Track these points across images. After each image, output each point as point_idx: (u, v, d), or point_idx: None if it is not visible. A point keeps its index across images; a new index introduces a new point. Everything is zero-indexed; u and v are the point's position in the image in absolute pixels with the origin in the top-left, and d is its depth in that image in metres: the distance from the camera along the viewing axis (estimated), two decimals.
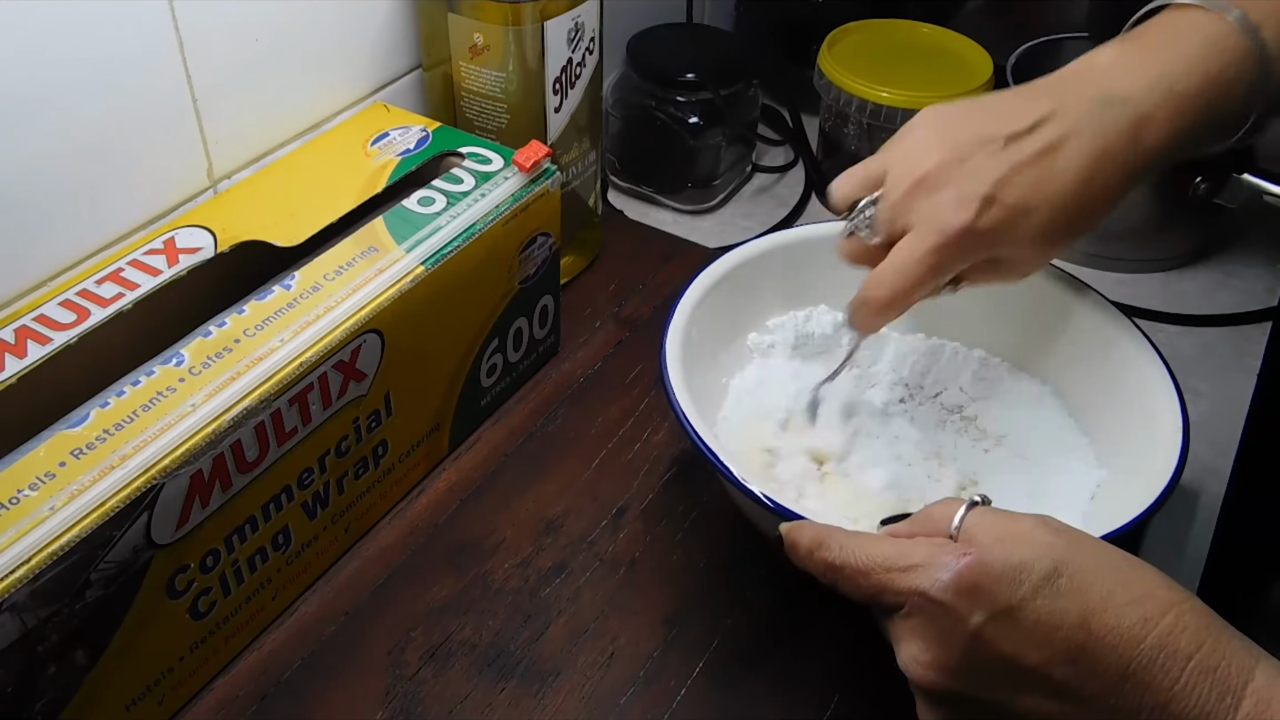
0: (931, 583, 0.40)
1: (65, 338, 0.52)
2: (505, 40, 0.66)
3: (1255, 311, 0.81)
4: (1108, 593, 0.39)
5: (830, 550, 0.44)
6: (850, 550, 0.44)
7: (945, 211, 0.51)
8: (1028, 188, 0.51)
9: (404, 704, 0.54)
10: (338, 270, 0.57)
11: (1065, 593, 0.39)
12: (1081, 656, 0.38)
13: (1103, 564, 0.40)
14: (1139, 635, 0.38)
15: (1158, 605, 0.38)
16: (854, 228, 0.55)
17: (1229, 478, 0.67)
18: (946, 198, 0.51)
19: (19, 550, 0.43)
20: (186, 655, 0.53)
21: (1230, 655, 0.38)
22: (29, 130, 0.55)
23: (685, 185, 0.89)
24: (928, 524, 0.44)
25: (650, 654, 0.56)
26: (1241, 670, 0.37)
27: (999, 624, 0.39)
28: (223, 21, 0.62)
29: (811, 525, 0.46)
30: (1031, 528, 0.41)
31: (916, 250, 0.51)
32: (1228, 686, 0.37)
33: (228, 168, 0.67)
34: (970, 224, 0.50)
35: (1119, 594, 0.39)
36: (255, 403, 0.50)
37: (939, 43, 0.89)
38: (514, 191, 0.64)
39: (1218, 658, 0.38)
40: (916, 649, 0.41)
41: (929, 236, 0.51)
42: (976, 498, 0.43)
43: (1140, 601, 0.38)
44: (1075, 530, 0.42)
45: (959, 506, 0.43)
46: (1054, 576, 0.39)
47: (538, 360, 0.72)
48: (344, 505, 0.59)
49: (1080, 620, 0.38)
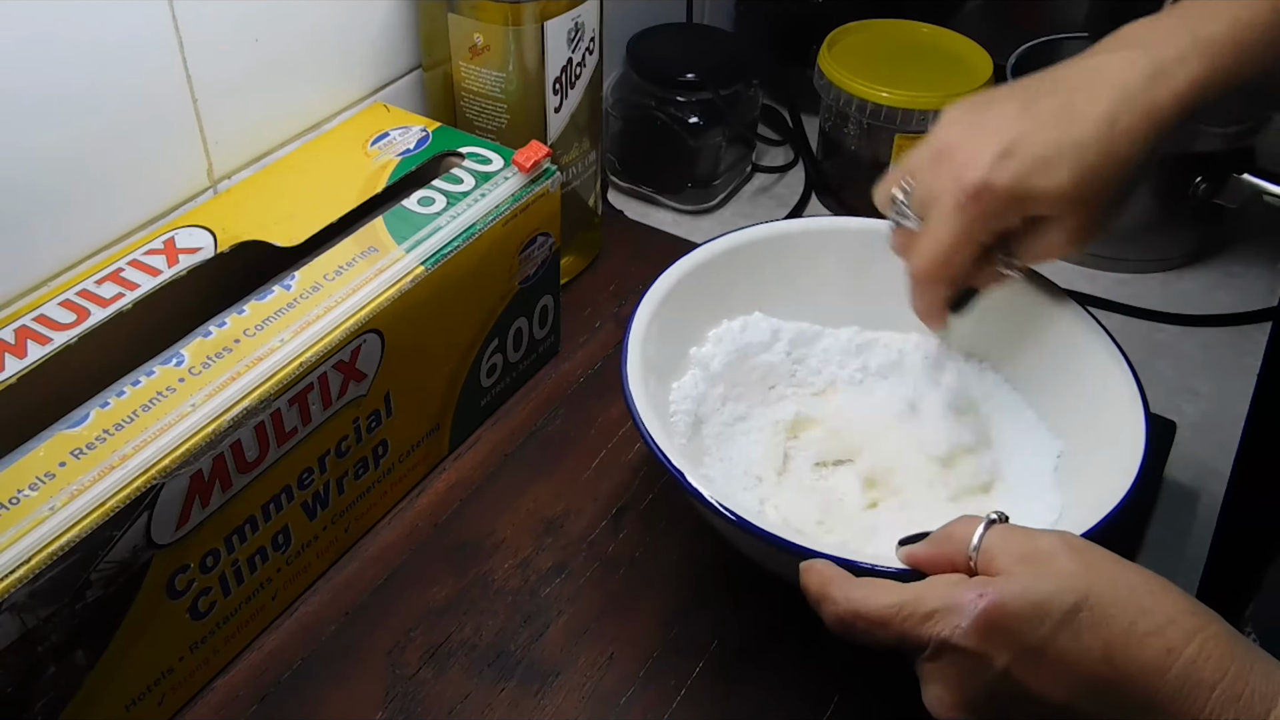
0: (952, 630, 0.40)
1: (65, 338, 0.52)
2: (505, 40, 0.66)
3: (1255, 311, 0.81)
4: (1130, 623, 0.38)
5: (837, 603, 0.43)
6: (859, 601, 0.42)
7: (962, 171, 0.52)
8: (1048, 138, 0.51)
9: (404, 704, 0.54)
10: (338, 270, 0.57)
11: (1088, 627, 0.38)
12: (1107, 692, 0.38)
13: (1124, 591, 0.39)
14: (1163, 666, 0.38)
15: (1181, 633, 0.38)
16: (896, 219, 0.56)
17: (1229, 478, 0.67)
18: (962, 158, 0.52)
19: (19, 550, 0.43)
20: (186, 655, 0.53)
21: (1254, 682, 0.37)
22: (29, 130, 0.55)
23: (685, 185, 0.89)
24: (946, 545, 0.43)
25: (650, 654, 0.56)
26: (1265, 697, 0.37)
27: (1023, 665, 0.39)
28: (223, 21, 0.62)
29: (817, 572, 0.45)
30: (1052, 550, 0.40)
31: (942, 215, 0.52)
32: (1252, 714, 0.37)
33: (228, 168, 0.67)
34: (986, 178, 0.51)
35: (1141, 623, 0.38)
36: (255, 403, 0.50)
37: (939, 43, 0.89)
38: (514, 191, 0.64)
39: (1241, 685, 0.37)
40: (941, 690, 0.41)
41: (949, 199, 0.52)
42: (994, 515, 0.43)
43: (1163, 630, 0.38)
44: (1095, 551, 0.41)
45: (977, 525, 0.42)
46: (1076, 611, 0.38)
47: (538, 360, 0.72)
48: (344, 505, 0.59)
49: (1104, 655, 0.38)
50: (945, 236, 0.53)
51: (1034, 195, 0.51)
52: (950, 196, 0.52)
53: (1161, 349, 0.79)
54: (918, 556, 0.45)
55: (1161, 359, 0.78)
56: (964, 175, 0.51)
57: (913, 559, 0.45)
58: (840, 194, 0.90)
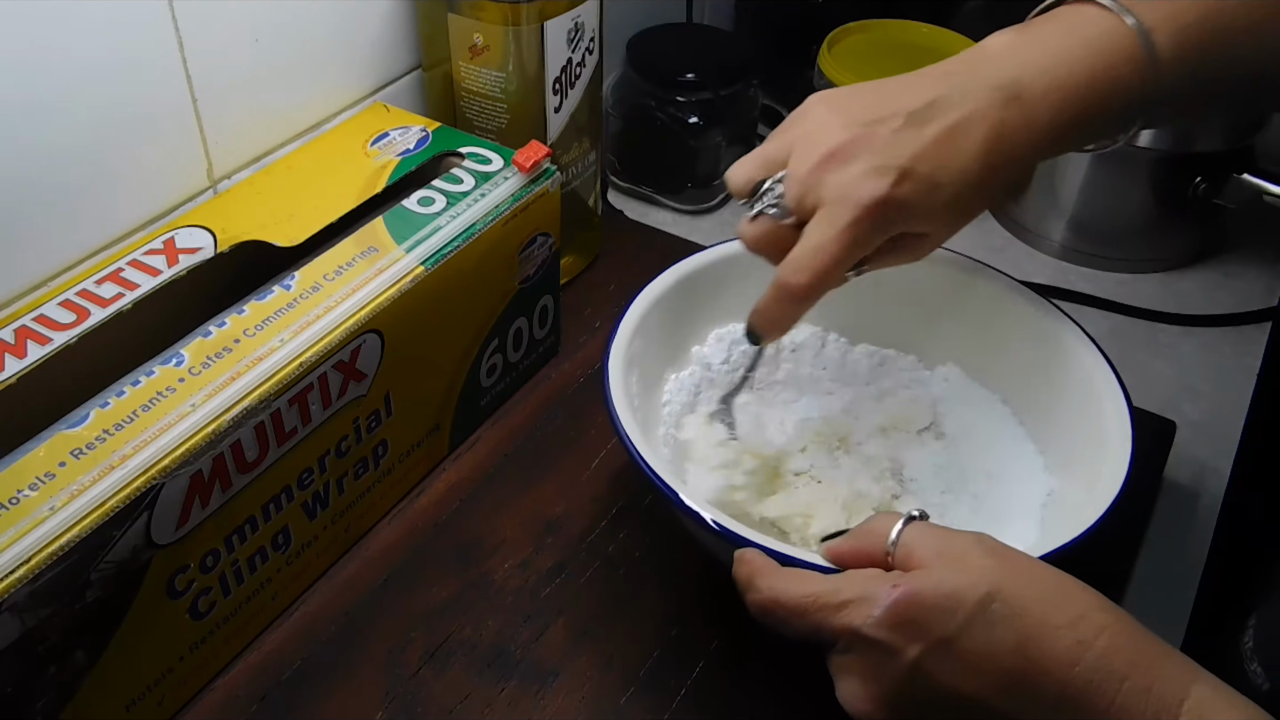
0: (864, 619, 0.40)
1: (65, 338, 0.52)
2: (505, 40, 0.66)
3: (1255, 311, 0.81)
4: (1042, 617, 0.39)
5: (760, 591, 0.44)
6: (780, 591, 0.43)
7: (862, 182, 0.48)
8: (936, 163, 0.49)
9: (404, 704, 0.54)
10: (338, 270, 0.57)
11: (1000, 619, 0.39)
12: (1018, 684, 0.39)
13: (1037, 587, 0.40)
14: (1074, 658, 0.38)
15: (1092, 627, 0.38)
16: (761, 209, 0.51)
17: (1229, 478, 0.67)
18: (860, 169, 0.48)
19: (19, 550, 0.43)
20: (186, 655, 0.53)
21: (1164, 674, 0.38)
22: (29, 130, 0.55)
23: (685, 185, 0.89)
24: (866, 539, 0.44)
25: (650, 654, 0.56)
26: (1176, 689, 0.38)
27: (934, 656, 0.39)
28: (223, 21, 0.62)
29: (746, 561, 0.45)
30: (968, 547, 0.41)
31: (834, 226, 0.48)
32: (1163, 705, 0.37)
33: (228, 168, 0.67)
34: (887, 195, 0.48)
35: (1053, 617, 0.39)
36: (255, 403, 0.50)
37: (939, 43, 0.89)
38: (514, 191, 0.64)
39: (1151, 678, 0.38)
40: (855, 684, 0.42)
41: (846, 210, 0.48)
42: (914, 512, 0.43)
43: (1075, 624, 0.39)
44: (1010, 550, 0.42)
45: (897, 520, 0.43)
46: (987, 602, 0.39)
47: (538, 360, 0.72)
48: (344, 505, 0.59)
49: (1016, 647, 0.38)
50: (834, 249, 0.48)
51: (922, 213, 0.50)
52: (849, 210, 0.48)
53: (1161, 349, 0.79)
54: (839, 551, 0.45)
55: (1161, 359, 0.78)
56: (865, 189, 0.48)
57: (834, 554, 0.45)
58: None
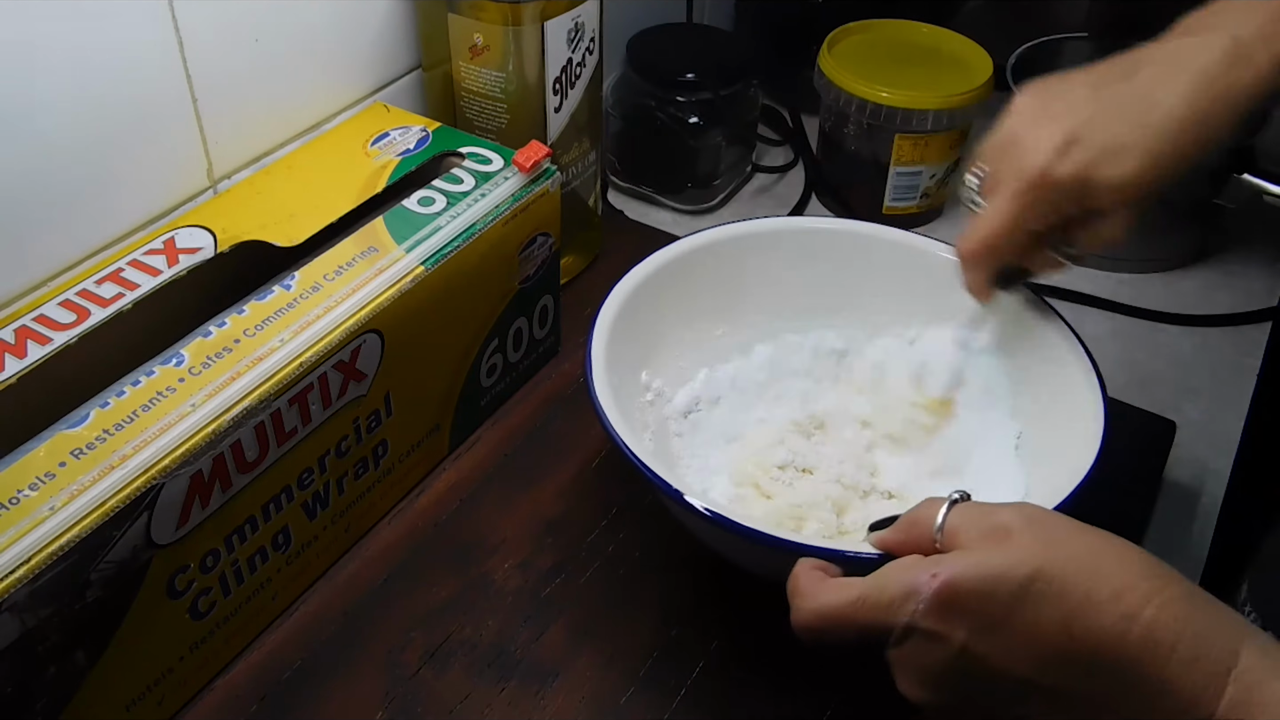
0: (912, 613, 0.40)
1: (65, 338, 0.52)
2: (505, 40, 0.66)
3: (1255, 311, 0.81)
4: (1086, 593, 0.38)
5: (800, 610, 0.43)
6: (822, 603, 0.43)
7: (1024, 157, 0.52)
8: (1118, 127, 0.50)
9: (404, 704, 0.54)
10: (338, 270, 0.57)
11: (1045, 598, 0.38)
12: (1069, 663, 0.38)
13: (1081, 558, 0.39)
14: (1122, 632, 0.38)
15: (1136, 598, 0.38)
16: (969, 205, 0.57)
17: (1229, 478, 0.67)
18: (1026, 145, 0.52)
19: (19, 550, 0.43)
20: (186, 655, 0.53)
21: (1213, 641, 0.37)
22: (29, 130, 0.55)
23: (685, 185, 0.89)
24: (913, 529, 0.44)
25: (650, 654, 0.56)
26: (1224, 656, 0.37)
27: (981, 639, 0.39)
28: (223, 21, 0.62)
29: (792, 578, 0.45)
30: (1010, 521, 0.41)
31: (997, 200, 0.53)
32: (1212, 674, 0.37)
33: (228, 168, 0.66)
34: (1046, 166, 0.51)
35: (1097, 591, 0.38)
36: (255, 403, 0.50)
37: (939, 43, 0.89)
38: (514, 191, 0.64)
39: (1199, 647, 0.37)
40: (911, 675, 0.42)
41: (1008, 184, 0.53)
42: (957, 494, 0.43)
43: (1120, 596, 0.38)
44: (1053, 520, 0.41)
45: (942, 505, 0.43)
46: (1031, 582, 0.39)
47: (538, 360, 0.72)
48: (344, 505, 0.59)
49: (1062, 625, 0.38)
50: (995, 221, 0.54)
51: (1096, 186, 0.51)
52: (1010, 183, 0.53)
53: (1161, 349, 0.79)
54: (887, 541, 0.45)
55: (1161, 359, 0.77)
56: (1025, 163, 0.52)
57: (883, 544, 0.45)
58: (840, 194, 0.90)
